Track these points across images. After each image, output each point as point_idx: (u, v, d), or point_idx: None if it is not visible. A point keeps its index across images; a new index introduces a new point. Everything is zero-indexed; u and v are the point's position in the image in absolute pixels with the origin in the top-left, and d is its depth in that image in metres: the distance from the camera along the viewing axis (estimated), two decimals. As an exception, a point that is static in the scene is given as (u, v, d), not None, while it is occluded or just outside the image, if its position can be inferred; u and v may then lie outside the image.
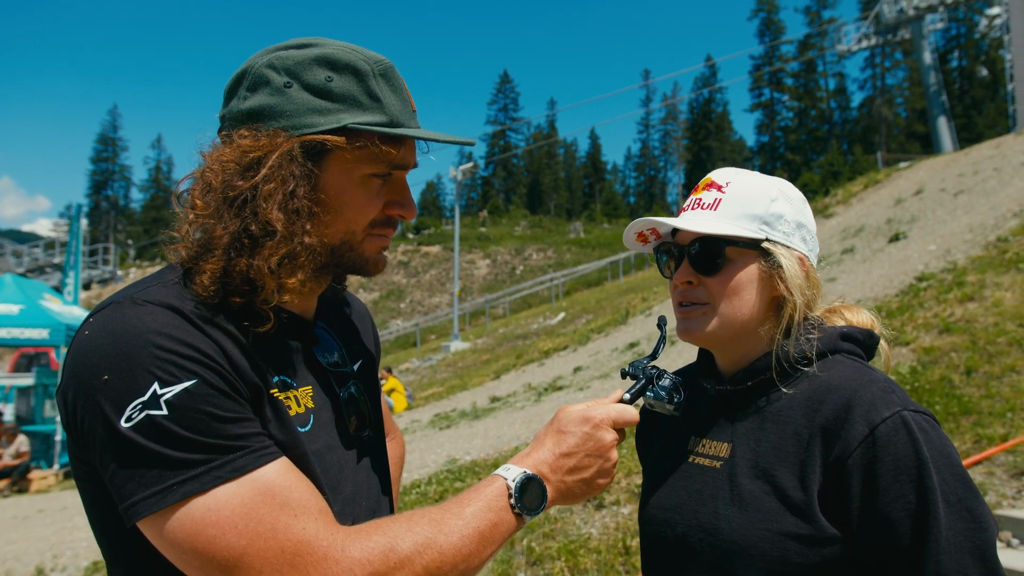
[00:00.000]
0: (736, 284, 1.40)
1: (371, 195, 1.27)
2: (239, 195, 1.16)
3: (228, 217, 1.16)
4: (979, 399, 6.48)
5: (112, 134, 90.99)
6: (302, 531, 1.06)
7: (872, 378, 1.31)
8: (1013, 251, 10.24)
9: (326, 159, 1.21)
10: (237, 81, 1.25)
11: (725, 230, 1.38)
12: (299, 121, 1.19)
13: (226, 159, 1.18)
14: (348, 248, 1.28)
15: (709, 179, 1.47)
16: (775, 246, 1.40)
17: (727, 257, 1.40)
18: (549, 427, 1.35)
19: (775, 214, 1.41)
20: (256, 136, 1.18)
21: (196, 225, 1.19)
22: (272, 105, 1.20)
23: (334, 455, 1.31)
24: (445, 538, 1.13)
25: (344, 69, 1.22)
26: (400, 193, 1.32)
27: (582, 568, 5.23)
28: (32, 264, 44.88)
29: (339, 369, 1.41)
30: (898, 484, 1.20)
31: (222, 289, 1.17)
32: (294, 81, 1.21)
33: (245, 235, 1.16)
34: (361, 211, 1.26)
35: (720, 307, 1.40)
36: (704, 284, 1.42)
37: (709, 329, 1.41)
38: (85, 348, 1.09)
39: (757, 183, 1.44)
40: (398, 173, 1.31)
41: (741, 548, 1.28)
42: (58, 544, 8.06)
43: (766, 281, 1.41)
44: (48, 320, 14.81)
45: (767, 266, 1.40)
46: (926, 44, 38.38)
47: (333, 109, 1.20)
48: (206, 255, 1.17)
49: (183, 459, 1.04)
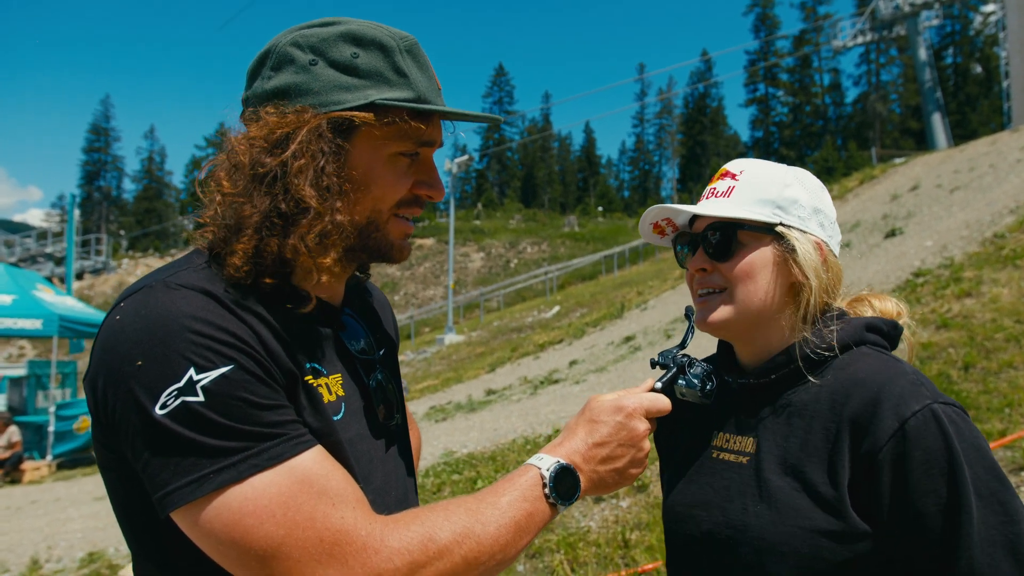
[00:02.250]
0: (750, 268, 1.37)
1: (399, 174, 1.25)
2: (268, 172, 1.14)
3: (258, 195, 1.14)
4: (977, 395, 6.49)
5: (104, 124, 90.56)
6: (341, 520, 1.04)
7: (900, 370, 1.29)
8: (1010, 247, 10.26)
9: (354, 136, 1.19)
10: (260, 61, 1.23)
11: (738, 213, 1.36)
12: (326, 98, 1.17)
13: (253, 136, 1.16)
14: (375, 228, 1.26)
15: (724, 169, 1.46)
16: (789, 230, 1.38)
17: (740, 241, 1.38)
18: (581, 416, 1.34)
19: (789, 199, 1.39)
20: (283, 113, 1.16)
21: (224, 207, 1.16)
22: (298, 83, 1.18)
23: (364, 444, 1.29)
24: (482, 528, 1.11)
25: (370, 45, 1.20)
26: (428, 173, 1.30)
27: (581, 561, 5.22)
28: (24, 254, 44.68)
29: (366, 356, 1.39)
30: (929, 478, 1.18)
31: (254, 270, 1.14)
32: (319, 58, 1.19)
33: (276, 214, 1.14)
34: (389, 190, 1.24)
35: (736, 292, 1.38)
36: (719, 270, 1.40)
37: (727, 315, 1.39)
38: (116, 334, 1.06)
39: (771, 170, 1.42)
40: (425, 152, 1.29)
41: (771, 545, 1.26)
42: (52, 535, 8.01)
43: (781, 265, 1.38)
44: (41, 310, 14.69)
45: (781, 250, 1.38)
46: (921, 40, 38.48)
47: (360, 85, 1.18)
48: (236, 235, 1.14)
49: (219, 447, 1.01)
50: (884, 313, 1.47)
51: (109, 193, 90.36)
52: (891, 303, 1.49)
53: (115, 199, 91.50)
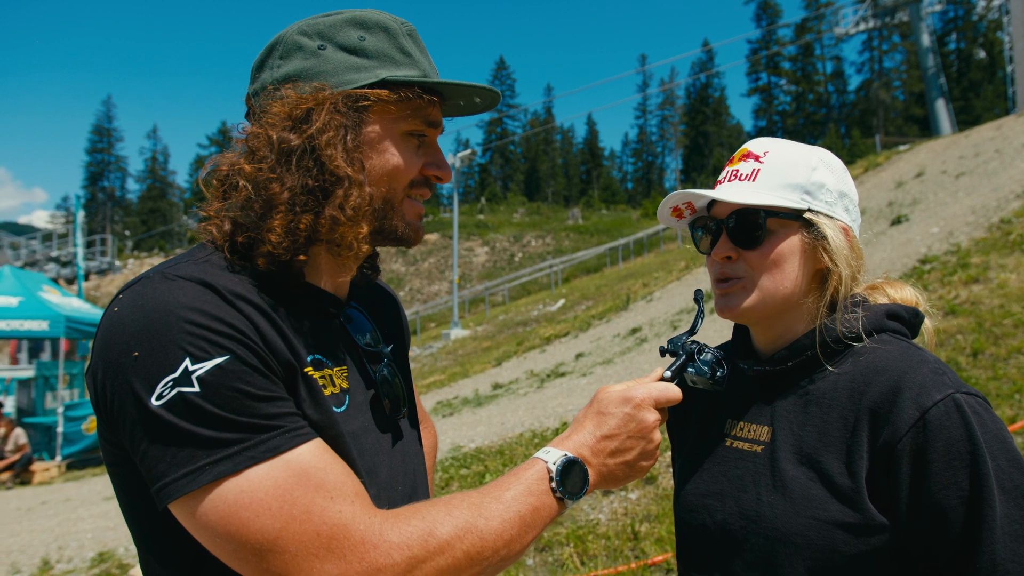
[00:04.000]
0: (778, 257, 1.33)
1: (411, 152, 1.27)
2: (296, 148, 1.15)
3: (287, 172, 1.15)
4: (986, 381, 6.45)
5: (107, 125, 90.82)
6: (338, 514, 1.03)
7: (922, 359, 1.25)
8: (1017, 232, 10.20)
9: (369, 114, 1.21)
10: (268, 53, 1.25)
11: (766, 200, 1.32)
12: (339, 79, 1.20)
13: (275, 114, 1.17)
14: (390, 208, 1.27)
15: (745, 149, 1.41)
16: (818, 216, 1.33)
17: (768, 229, 1.33)
18: (589, 408, 1.32)
19: (817, 183, 1.34)
20: (301, 91, 1.18)
21: (251, 191, 1.16)
22: (308, 67, 1.21)
23: (370, 437, 1.28)
24: (485, 522, 1.10)
25: (375, 28, 1.24)
26: (435, 155, 1.32)
27: (591, 554, 5.21)
28: (30, 257, 44.77)
29: (372, 349, 1.38)
30: (950, 470, 1.14)
31: (292, 246, 1.15)
32: (327, 43, 1.22)
33: (306, 189, 1.15)
34: (405, 168, 1.25)
35: (761, 281, 1.34)
36: (744, 258, 1.36)
37: (750, 304, 1.35)
38: (115, 325, 1.06)
39: (796, 151, 1.37)
40: (431, 134, 1.31)
41: (785, 536, 1.23)
42: (63, 536, 8.04)
43: (809, 253, 1.34)
44: (48, 312, 14.73)
45: (810, 237, 1.34)
46: (924, 26, 38.23)
47: (369, 66, 1.22)
48: (270, 213, 1.15)
49: (216, 438, 1.01)
50: (901, 301, 1.43)
51: (113, 193, 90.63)
52: (909, 291, 1.44)
53: (119, 199, 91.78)
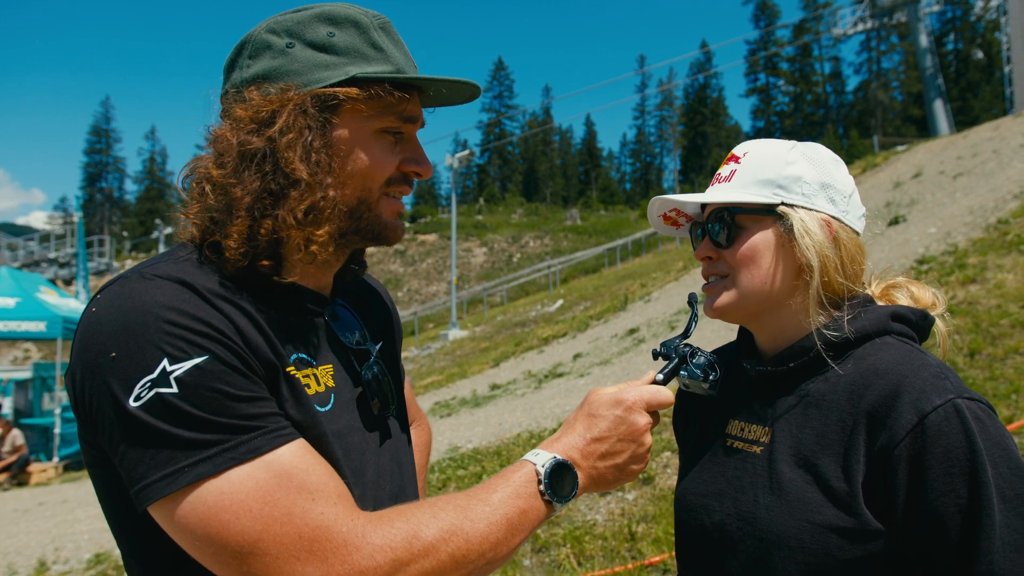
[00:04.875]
0: (751, 252, 1.33)
1: (386, 151, 1.24)
2: (257, 151, 1.13)
3: (248, 176, 1.13)
4: (983, 381, 6.45)
5: (105, 126, 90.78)
6: (320, 516, 1.01)
7: (923, 362, 1.22)
8: (1014, 233, 10.19)
9: (339, 113, 1.18)
10: (238, 52, 1.23)
11: (737, 197, 1.32)
12: (307, 78, 1.17)
13: (239, 118, 1.15)
14: (366, 208, 1.24)
15: (731, 153, 1.42)
16: (793, 209, 1.32)
17: (738, 225, 1.35)
18: (579, 411, 1.30)
19: (791, 176, 1.33)
20: (266, 92, 1.16)
21: (216, 194, 1.14)
22: (277, 67, 1.18)
23: (356, 436, 1.26)
24: (471, 525, 1.08)
25: (344, 23, 1.21)
26: (414, 150, 1.29)
27: (588, 554, 5.20)
28: (28, 258, 44.72)
29: (360, 347, 1.36)
30: (948, 478, 1.11)
31: (250, 252, 1.13)
32: (296, 41, 1.19)
33: (267, 193, 1.13)
34: (377, 167, 1.22)
35: (738, 277, 1.34)
36: (723, 257, 1.37)
37: (730, 301, 1.35)
38: (92, 325, 1.04)
39: (773, 148, 1.37)
40: (409, 130, 1.27)
41: (780, 539, 1.22)
42: (59, 537, 8.02)
43: (786, 247, 1.33)
44: (45, 313, 14.72)
45: (784, 231, 1.33)
46: (922, 27, 38.30)
47: (339, 63, 1.18)
48: (229, 218, 1.13)
49: (195, 439, 0.99)
50: (919, 301, 1.41)
51: (111, 194, 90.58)
52: (929, 292, 1.42)
53: (117, 200, 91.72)
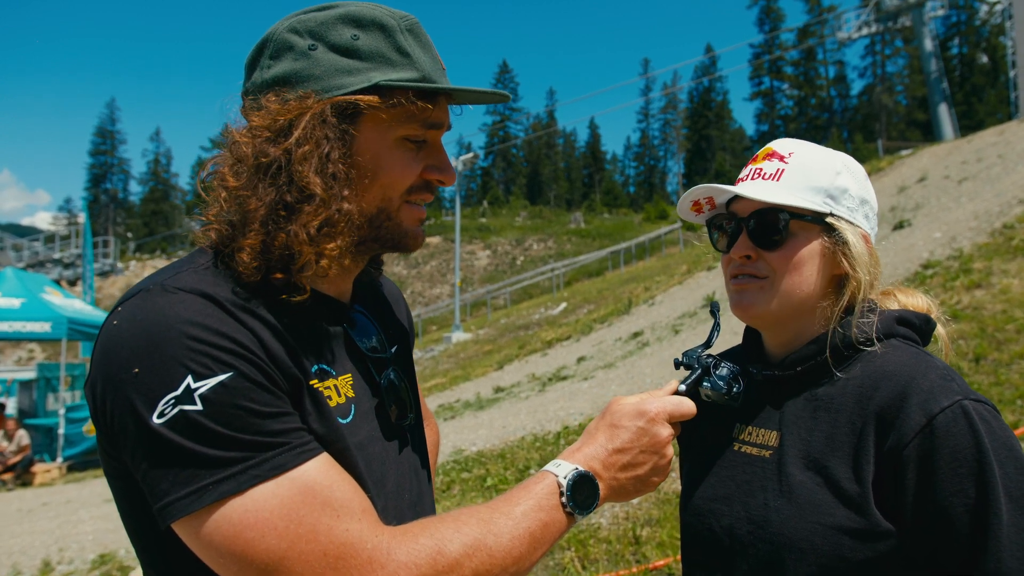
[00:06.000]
0: (799, 259, 1.32)
1: (408, 159, 1.20)
2: (272, 162, 1.10)
3: (263, 187, 1.10)
4: (988, 386, 6.44)
5: (110, 127, 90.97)
6: (345, 532, 1.01)
7: (930, 365, 1.24)
8: (1020, 238, 10.18)
9: (360, 121, 1.15)
10: (259, 51, 1.19)
11: (789, 200, 1.30)
12: (328, 83, 1.13)
13: (256, 127, 1.12)
14: (386, 217, 1.22)
15: (770, 148, 1.39)
16: (839, 221, 1.32)
17: (790, 231, 1.33)
18: (601, 420, 1.29)
19: (840, 188, 1.33)
20: (284, 100, 1.12)
21: (229, 203, 1.13)
22: (298, 70, 1.14)
23: (376, 446, 1.25)
24: (495, 539, 1.07)
25: (370, 26, 1.16)
26: (437, 157, 1.25)
27: (592, 558, 5.20)
28: (32, 259, 44.77)
29: (378, 354, 1.35)
30: (957, 478, 1.13)
31: (264, 266, 1.11)
32: (319, 43, 1.15)
33: (282, 206, 1.10)
34: (399, 176, 1.20)
35: (780, 283, 1.33)
36: (764, 258, 1.34)
37: (767, 306, 1.34)
38: (114, 339, 1.03)
39: (821, 154, 1.37)
40: (433, 136, 1.24)
41: (792, 542, 1.22)
42: (63, 537, 8.03)
43: (829, 258, 1.33)
44: (50, 314, 14.73)
45: (830, 242, 1.33)
46: (927, 31, 38.25)
47: (362, 68, 1.14)
48: (243, 231, 1.11)
49: (219, 457, 0.98)
50: (912, 308, 1.42)
51: (116, 196, 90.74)
52: (921, 298, 1.44)
53: (122, 201, 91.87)
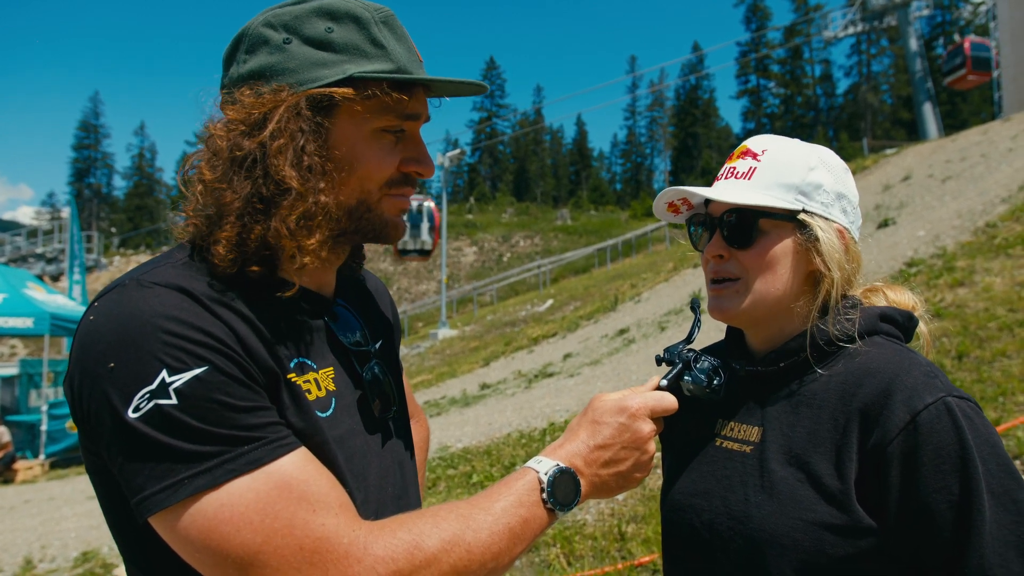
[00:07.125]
0: (770, 258, 1.33)
1: (385, 151, 1.20)
2: (247, 155, 1.11)
3: (238, 180, 1.10)
4: (971, 384, 6.50)
5: (94, 121, 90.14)
6: (321, 527, 1.01)
7: (914, 362, 1.25)
8: (1002, 236, 10.29)
9: (335, 114, 1.15)
10: (235, 45, 1.19)
11: (759, 200, 1.31)
12: (302, 76, 1.14)
13: (231, 120, 1.12)
14: (366, 209, 1.22)
15: (745, 146, 1.40)
16: (812, 217, 1.32)
17: (761, 229, 1.33)
18: (583, 417, 1.29)
19: (813, 183, 1.33)
20: (259, 93, 1.13)
21: (207, 197, 1.13)
22: (273, 64, 1.14)
23: (358, 440, 1.25)
24: (473, 535, 1.07)
25: (344, 18, 1.17)
26: (415, 149, 1.25)
27: (578, 554, 5.21)
28: (15, 253, 44.34)
29: (361, 348, 1.34)
30: (940, 474, 1.14)
31: (239, 258, 1.11)
32: (293, 36, 1.16)
33: (257, 198, 1.10)
34: (376, 168, 1.19)
35: (753, 283, 1.33)
36: (736, 258, 1.35)
37: (742, 306, 1.35)
38: (90, 334, 1.03)
39: (794, 150, 1.36)
40: (411, 128, 1.24)
41: (772, 537, 1.23)
42: (46, 535, 7.97)
43: (802, 255, 1.34)
44: (32, 309, 14.59)
45: (803, 239, 1.33)
46: (912, 31, 38.58)
47: (336, 60, 1.15)
48: (219, 223, 1.11)
49: (194, 451, 0.98)
50: (898, 305, 1.42)
51: (100, 190, 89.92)
52: (907, 295, 1.44)
53: (106, 196, 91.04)
